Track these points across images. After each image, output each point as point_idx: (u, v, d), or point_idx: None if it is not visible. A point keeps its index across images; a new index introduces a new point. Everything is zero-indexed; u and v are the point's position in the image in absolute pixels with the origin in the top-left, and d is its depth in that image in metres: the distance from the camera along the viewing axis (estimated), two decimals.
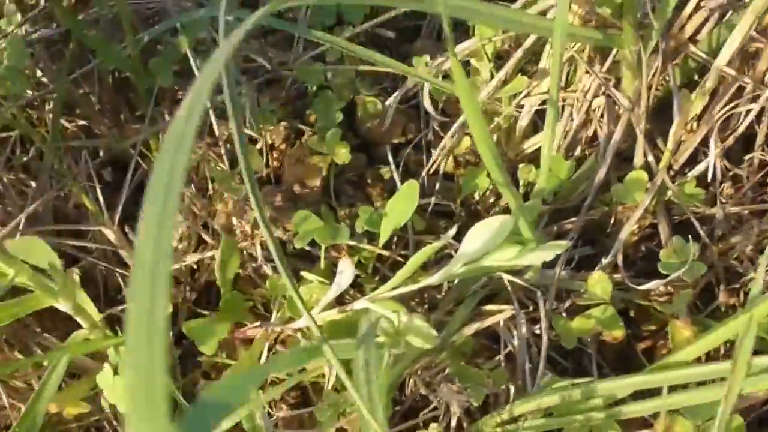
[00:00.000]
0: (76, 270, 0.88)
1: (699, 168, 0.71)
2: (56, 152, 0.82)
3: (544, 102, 0.80)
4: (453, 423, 0.59)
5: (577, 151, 0.82)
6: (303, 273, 0.76)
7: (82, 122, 0.95)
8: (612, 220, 0.77)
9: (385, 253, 0.80)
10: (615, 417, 0.56)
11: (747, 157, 0.77)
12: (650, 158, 0.71)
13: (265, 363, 0.71)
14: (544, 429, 0.58)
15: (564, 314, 0.71)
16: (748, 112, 0.73)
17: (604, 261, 0.69)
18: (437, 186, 0.86)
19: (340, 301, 0.77)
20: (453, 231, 0.64)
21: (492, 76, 0.78)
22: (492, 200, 0.89)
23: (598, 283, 0.67)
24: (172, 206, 0.24)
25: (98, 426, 0.84)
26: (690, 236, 0.70)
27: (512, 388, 0.58)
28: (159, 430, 0.21)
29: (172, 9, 0.80)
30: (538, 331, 0.72)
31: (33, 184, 0.93)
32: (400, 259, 0.81)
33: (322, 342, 0.41)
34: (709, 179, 0.74)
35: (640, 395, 0.61)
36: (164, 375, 0.22)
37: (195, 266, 0.89)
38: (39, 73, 0.92)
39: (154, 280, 0.23)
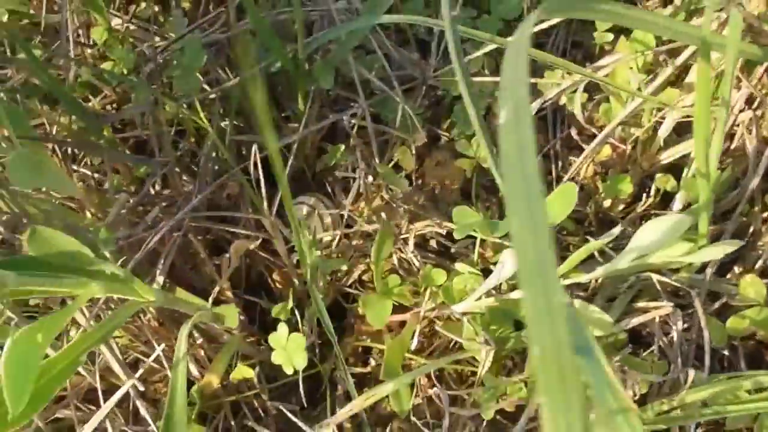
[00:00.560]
0: (225, 257, 0.95)
1: None
2: (218, 147, 0.89)
3: (687, 115, 0.84)
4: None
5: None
6: (457, 265, 0.81)
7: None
8: (751, 229, 0.80)
9: None
10: None
11: None
12: None
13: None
14: (712, 416, 0.61)
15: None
16: None
17: (758, 264, 0.73)
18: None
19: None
20: (617, 230, 0.69)
21: (640, 88, 0.83)
22: (621, 207, 0.93)
23: (751, 285, 0.70)
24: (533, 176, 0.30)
25: (247, 400, 0.90)
26: None
27: (690, 377, 0.61)
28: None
29: (336, 16, 0.87)
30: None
31: (184, 177, 1.00)
32: None
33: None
34: None
35: None
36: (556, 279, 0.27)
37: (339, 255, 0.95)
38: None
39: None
